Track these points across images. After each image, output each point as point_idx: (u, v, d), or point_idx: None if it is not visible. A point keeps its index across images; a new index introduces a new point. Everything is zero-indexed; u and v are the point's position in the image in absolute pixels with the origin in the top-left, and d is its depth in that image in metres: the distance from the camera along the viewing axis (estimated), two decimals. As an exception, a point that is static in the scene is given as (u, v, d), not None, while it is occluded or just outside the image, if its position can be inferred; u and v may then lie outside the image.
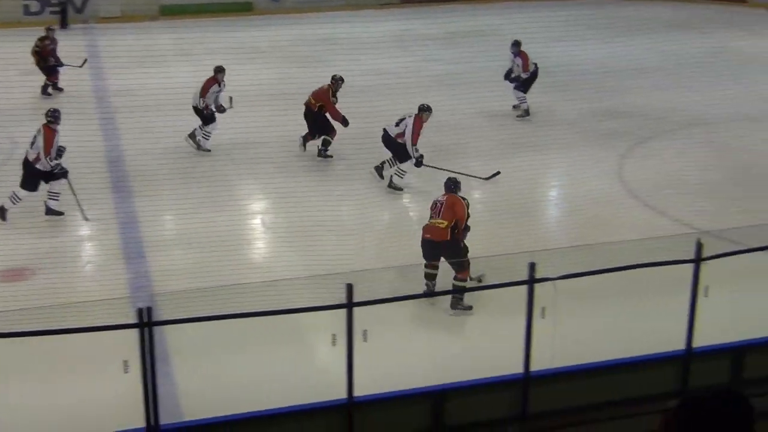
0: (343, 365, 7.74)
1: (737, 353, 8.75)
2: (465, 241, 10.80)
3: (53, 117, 13.33)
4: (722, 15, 25.08)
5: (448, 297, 10.47)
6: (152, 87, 14.95)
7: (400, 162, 14.61)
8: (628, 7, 26.92)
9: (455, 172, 13.18)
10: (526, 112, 18.09)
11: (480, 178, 14.45)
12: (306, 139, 16.04)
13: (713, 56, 21.97)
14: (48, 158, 13.02)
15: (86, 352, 8.75)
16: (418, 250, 10.79)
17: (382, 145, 14.65)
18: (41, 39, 19.52)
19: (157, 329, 7.46)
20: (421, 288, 10.54)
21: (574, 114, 17.50)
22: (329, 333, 7.81)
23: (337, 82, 16.07)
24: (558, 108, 17.83)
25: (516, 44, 18.33)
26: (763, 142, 16.58)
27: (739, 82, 19.77)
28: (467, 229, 10.87)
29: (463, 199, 11.01)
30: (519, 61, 18.25)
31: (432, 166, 14.32)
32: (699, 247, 8.40)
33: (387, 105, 16.80)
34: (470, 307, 10.52)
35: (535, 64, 18.25)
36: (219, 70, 16.25)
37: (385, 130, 14.70)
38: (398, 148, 14.59)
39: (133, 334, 7.27)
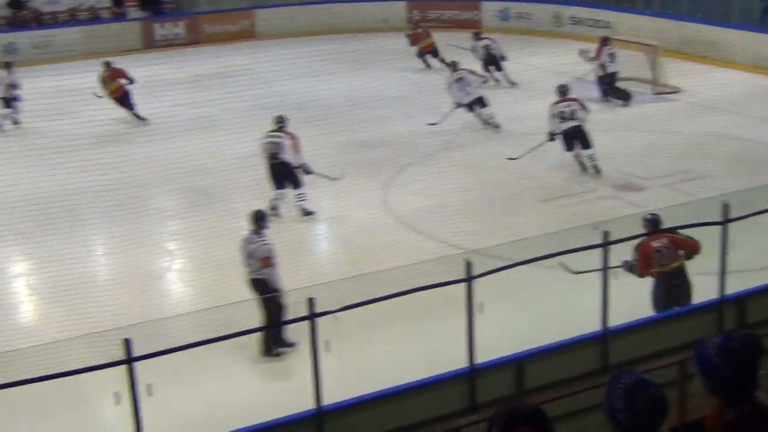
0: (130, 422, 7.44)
1: (518, 364, 9.04)
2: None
3: None
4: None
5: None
6: None
7: (296, 188, 14.66)
8: (366, 40, 27.43)
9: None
10: None
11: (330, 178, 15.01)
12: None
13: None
14: None
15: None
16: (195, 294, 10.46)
17: None
18: None
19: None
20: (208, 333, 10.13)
21: (332, 148, 17.66)
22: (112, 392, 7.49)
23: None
24: (314, 143, 17.88)
25: None
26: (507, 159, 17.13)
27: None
28: None
29: None
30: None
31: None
32: (468, 266, 8.59)
33: (143, 151, 16.47)
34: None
35: None
36: None
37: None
38: (288, 175, 14.62)
39: None
